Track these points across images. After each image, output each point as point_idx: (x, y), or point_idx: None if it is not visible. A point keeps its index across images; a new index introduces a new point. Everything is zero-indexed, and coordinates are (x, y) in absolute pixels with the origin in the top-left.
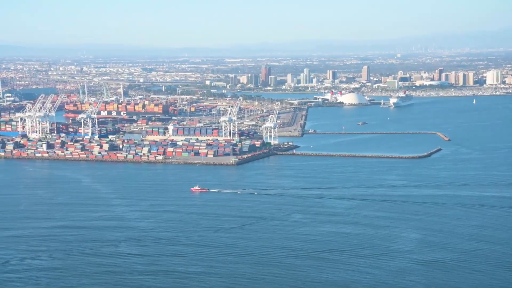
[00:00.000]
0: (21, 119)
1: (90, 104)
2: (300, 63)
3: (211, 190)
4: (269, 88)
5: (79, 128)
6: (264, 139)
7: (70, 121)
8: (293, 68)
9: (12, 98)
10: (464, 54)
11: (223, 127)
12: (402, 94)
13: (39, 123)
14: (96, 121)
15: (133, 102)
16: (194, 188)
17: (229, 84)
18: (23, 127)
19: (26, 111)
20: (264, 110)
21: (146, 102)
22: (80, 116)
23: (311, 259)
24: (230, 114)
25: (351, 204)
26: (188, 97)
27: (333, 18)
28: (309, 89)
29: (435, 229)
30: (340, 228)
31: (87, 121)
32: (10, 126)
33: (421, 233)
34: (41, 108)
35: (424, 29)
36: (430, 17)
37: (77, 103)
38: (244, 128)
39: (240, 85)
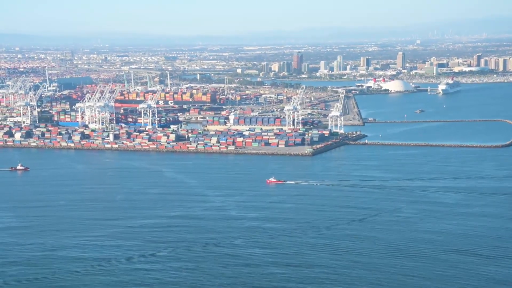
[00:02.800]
0: (81, 109)
1: (137, 93)
2: (321, 50)
3: (288, 181)
4: (303, 75)
5: (139, 118)
6: (330, 128)
7: (128, 111)
8: (316, 56)
9: (53, 88)
10: (483, 40)
11: (287, 116)
12: (450, 81)
13: (98, 113)
14: (156, 111)
15: (180, 91)
16: (270, 179)
17: (262, 72)
18: (82, 118)
19: (85, 101)
20: (312, 98)
21: (194, 91)
22: (140, 106)
23: (472, 256)
24: (294, 102)
25: (460, 197)
26: (228, 85)
27: (346, 5)
28: (346, 77)
29: None
30: (472, 222)
31: (147, 111)
32: (69, 116)
33: None
34: (100, 98)
35: (439, 15)
36: (443, 3)
37: (124, 92)
38: (301, 117)
39: (273, 73)
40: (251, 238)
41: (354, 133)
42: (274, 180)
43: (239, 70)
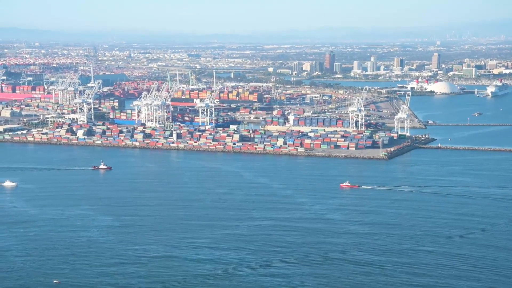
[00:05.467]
0: (137, 107)
1: (182, 91)
2: (342, 50)
3: (362, 186)
4: (338, 75)
5: (195, 117)
6: (397, 131)
7: (186, 108)
8: (340, 55)
9: (98, 85)
10: (503, 42)
11: (350, 117)
12: (498, 83)
13: (155, 112)
14: (213, 110)
15: (226, 90)
16: (344, 184)
17: (295, 71)
18: (138, 116)
19: (142, 99)
20: (359, 99)
21: (240, 90)
22: (198, 104)
23: None
24: (358, 104)
25: None
26: (264, 84)
27: (360, 4)
28: (382, 77)
29: None
30: None
31: (204, 110)
32: (125, 114)
33: None
34: (156, 96)
35: (456, 16)
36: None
37: (168, 90)
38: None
39: (305, 72)
40: (369, 245)
41: (422, 136)
42: (349, 184)
43: (270, 69)
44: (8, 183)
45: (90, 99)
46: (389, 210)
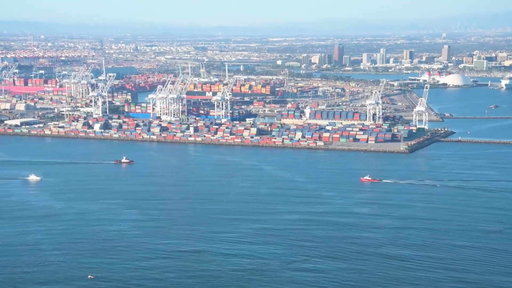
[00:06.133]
0: (152, 100)
1: (195, 84)
2: (348, 43)
3: (383, 180)
4: (347, 68)
5: (211, 110)
6: (415, 124)
7: (200, 102)
8: (347, 48)
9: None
10: (509, 34)
11: (367, 110)
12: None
13: (170, 105)
14: (229, 103)
15: (238, 83)
16: (365, 178)
17: (304, 64)
18: (153, 109)
19: (157, 93)
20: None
21: (253, 83)
22: (214, 98)
23: None
24: (375, 97)
25: None
26: (275, 77)
27: None
28: (392, 70)
29: None
30: None
31: (220, 103)
32: (140, 107)
33: None
34: (171, 89)
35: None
36: None
37: (180, 83)
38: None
39: (314, 65)
40: (403, 239)
41: (441, 129)
42: (369, 178)
43: (279, 62)
44: (33, 177)
45: (105, 92)
46: (418, 204)
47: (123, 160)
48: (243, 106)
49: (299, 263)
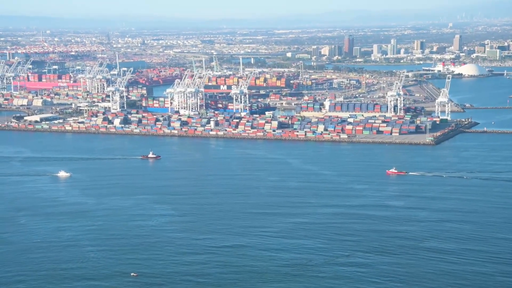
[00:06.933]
0: (170, 94)
1: (209, 78)
2: (357, 34)
3: (410, 173)
4: (358, 59)
5: (229, 104)
6: (438, 115)
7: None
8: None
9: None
10: None
11: (388, 102)
12: None
13: (188, 99)
14: (248, 97)
15: (253, 76)
16: (390, 170)
17: (314, 56)
18: (171, 103)
19: (175, 86)
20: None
21: (267, 76)
22: (232, 91)
23: None
24: (396, 88)
25: None
26: (287, 70)
27: None
28: (404, 60)
29: None
30: None
31: (238, 97)
32: (157, 102)
33: None
34: (189, 83)
35: None
36: None
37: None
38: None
39: (325, 57)
40: (445, 232)
41: (465, 120)
42: (395, 171)
43: (288, 54)
44: (62, 174)
45: (122, 87)
46: (454, 196)
47: (150, 155)
48: (259, 99)
49: (342, 257)
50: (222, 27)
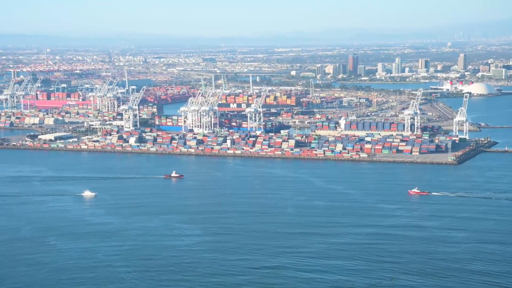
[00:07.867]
0: (184, 113)
1: (214, 95)
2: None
3: (432, 193)
4: (363, 78)
5: (243, 122)
6: (456, 134)
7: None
8: (362, 58)
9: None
10: None
11: (405, 121)
12: None
13: (202, 117)
14: (262, 115)
15: (263, 94)
16: (413, 190)
17: (319, 74)
18: (185, 122)
19: (189, 105)
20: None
21: (277, 94)
22: (247, 110)
23: None
24: (413, 107)
25: None
26: (293, 88)
27: (364, 5)
28: (409, 79)
29: None
30: None
31: (252, 115)
32: (171, 120)
33: None
34: (203, 102)
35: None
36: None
37: (204, 95)
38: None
39: (330, 75)
40: (489, 254)
41: (485, 139)
42: (418, 191)
43: (293, 73)
44: (88, 193)
45: (135, 105)
46: (490, 216)
47: (173, 174)
48: (271, 118)
49: (385, 280)
50: (221, 45)
